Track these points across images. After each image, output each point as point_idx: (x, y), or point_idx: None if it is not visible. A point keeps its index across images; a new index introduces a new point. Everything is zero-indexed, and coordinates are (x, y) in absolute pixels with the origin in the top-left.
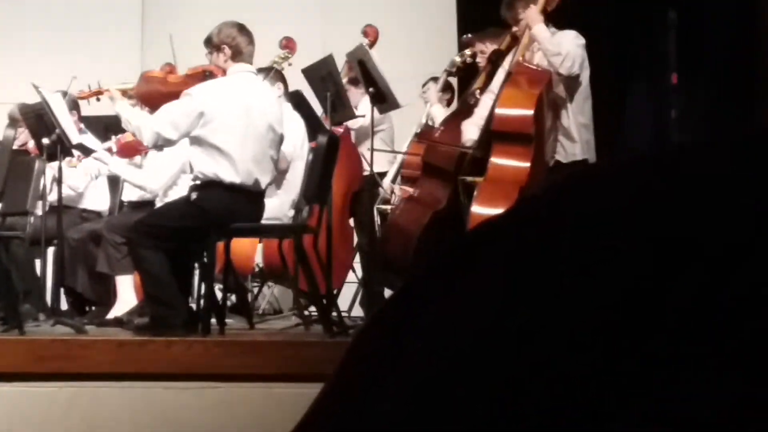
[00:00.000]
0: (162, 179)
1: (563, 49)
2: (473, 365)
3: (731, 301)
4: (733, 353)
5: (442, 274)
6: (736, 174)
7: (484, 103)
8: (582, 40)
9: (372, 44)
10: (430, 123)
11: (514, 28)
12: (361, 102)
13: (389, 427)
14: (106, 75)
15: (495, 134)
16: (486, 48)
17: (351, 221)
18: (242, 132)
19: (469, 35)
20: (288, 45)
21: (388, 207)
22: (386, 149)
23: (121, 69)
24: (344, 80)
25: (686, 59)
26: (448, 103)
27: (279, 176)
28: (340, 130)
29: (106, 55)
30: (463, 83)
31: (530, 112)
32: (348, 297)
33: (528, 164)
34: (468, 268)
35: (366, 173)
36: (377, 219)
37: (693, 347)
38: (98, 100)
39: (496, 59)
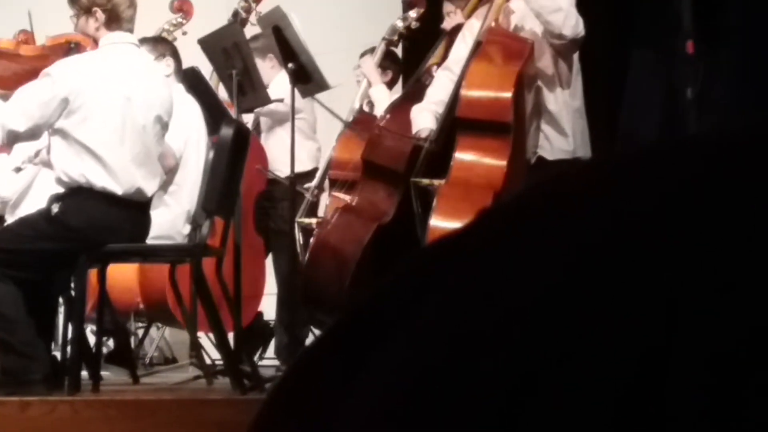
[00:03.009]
0: (18, 181)
1: (562, 3)
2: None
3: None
4: None
5: (384, 308)
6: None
7: (439, 82)
8: None
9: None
10: (367, 108)
11: None
12: (273, 81)
13: None
14: None
15: (461, 123)
16: (453, 11)
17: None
18: (118, 125)
19: None
20: (182, 7)
21: (313, 221)
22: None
23: None
24: None
25: (705, 21)
26: (391, 84)
27: (168, 180)
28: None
29: None
30: (412, 57)
31: (508, 94)
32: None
33: (504, 162)
34: (419, 299)
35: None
36: (299, 237)
37: None
38: None
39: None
